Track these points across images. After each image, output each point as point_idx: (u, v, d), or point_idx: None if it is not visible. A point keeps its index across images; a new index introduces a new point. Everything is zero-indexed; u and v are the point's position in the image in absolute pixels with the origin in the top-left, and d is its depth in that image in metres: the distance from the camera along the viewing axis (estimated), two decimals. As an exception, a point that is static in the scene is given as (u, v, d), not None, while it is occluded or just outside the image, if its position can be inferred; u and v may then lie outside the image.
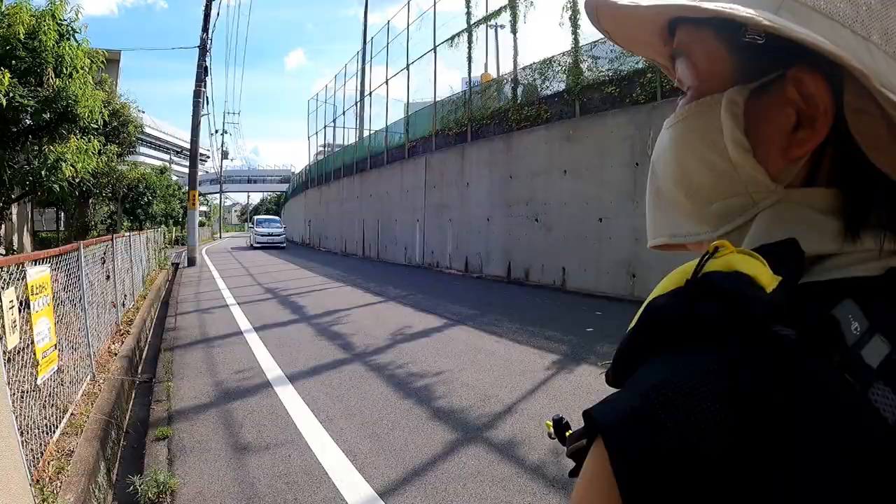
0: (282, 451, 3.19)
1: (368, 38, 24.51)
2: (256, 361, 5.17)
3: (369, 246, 20.79)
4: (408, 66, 18.48)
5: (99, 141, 7.22)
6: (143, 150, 66.91)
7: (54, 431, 3.42)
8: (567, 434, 0.42)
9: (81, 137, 6.41)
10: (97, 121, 6.55)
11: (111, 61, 28.25)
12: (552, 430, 0.47)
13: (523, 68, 13.44)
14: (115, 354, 5.58)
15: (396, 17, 19.93)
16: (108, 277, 5.96)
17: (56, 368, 3.68)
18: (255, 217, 32.52)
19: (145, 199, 16.50)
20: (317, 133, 32.58)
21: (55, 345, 3.68)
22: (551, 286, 11.22)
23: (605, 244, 10.01)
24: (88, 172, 6.75)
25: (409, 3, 18.33)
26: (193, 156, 15.77)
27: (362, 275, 13.86)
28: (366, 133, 23.81)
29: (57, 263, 4.12)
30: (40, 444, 3.15)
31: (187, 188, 16.45)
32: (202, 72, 15.93)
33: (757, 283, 0.31)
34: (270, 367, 4.96)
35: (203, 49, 15.93)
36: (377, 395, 4.21)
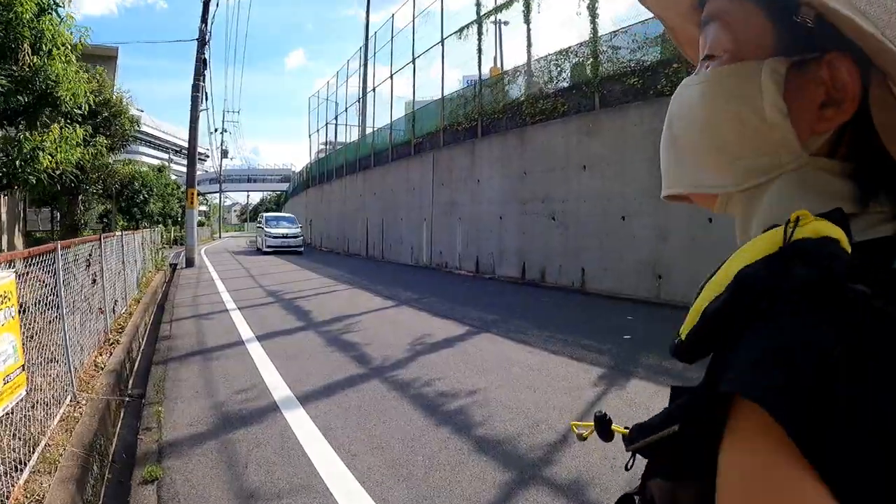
0: (298, 501, 2.56)
1: (371, 33, 23.86)
2: (261, 378, 4.54)
3: (373, 245, 20.16)
4: (413, 59, 17.85)
5: (85, 130, 6.56)
6: (142, 149, 66.49)
7: (23, 470, 2.82)
8: (623, 428, 0.46)
9: (65, 125, 5.74)
10: (82, 106, 5.88)
11: (108, 57, 27.82)
12: (595, 428, 0.52)
13: (537, 59, 12.84)
14: (102, 368, 4.97)
15: (399, 14, 19.29)
16: (94, 281, 5.33)
17: (24, 394, 3.06)
18: (265, 215, 25.55)
19: (141, 198, 15.80)
20: (318, 131, 31.97)
21: (23, 365, 3.06)
22: (569, 288, 10.63)
23: (627, 243, 9.41)
24: (71, 164, 6.08)
25: (414, -7, 17.70)
26: (192, 153, 15.13)
27: (369, 276, 13.23)
28: (368, 130, 23.20)
29: (29, 267, 3.50)
30: (4, 487, 2.56)
31: (185, 187, 15.78)
32: (201, 65, 15.28)
33: (843, 246, 0.33)
34: (277, 385, 4.33)
35: (202, 41, 15.29)
36: (405, 421, 3.57)
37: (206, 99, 16.11)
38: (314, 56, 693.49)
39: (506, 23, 15.90)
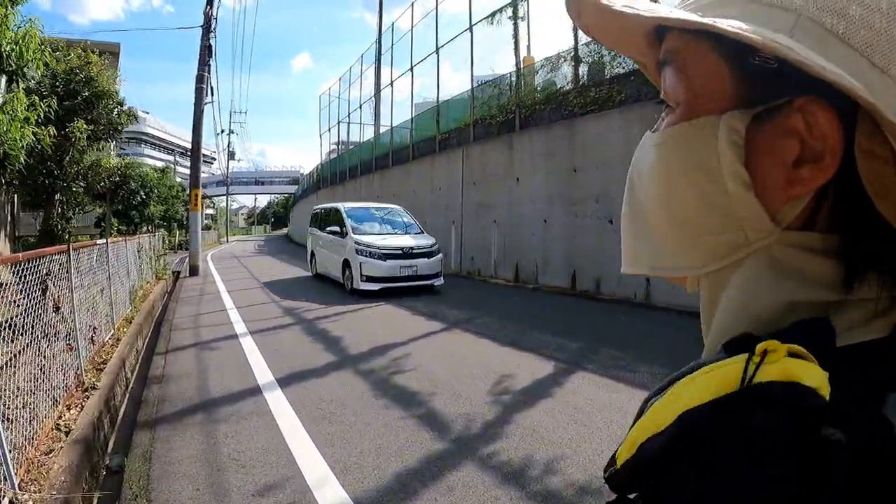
0: None
1: (388, 24, 22.37)
2: (292, 458, 3.01)
3: (392, 251, 18.66)
4: (437, 49, 16.37)
5: (47, 104, 5.07)
6: (147, 151, 65.62)
7: None
8: None
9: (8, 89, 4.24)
10: (34, 67, 4.38)
11: (110, 54, 26.83)
12: None
13: (586, 44, 11.31)
14: (67, 433, 3.48)
15: (419, 2, 17.80)
16: (57, 309, 3.84)
17: None
18: (342, 207, 11.60)
19: (139, 199, 14.33)
20: (329, 130, 30.57)
21: None
22: (632, 300, 9.09)
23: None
24: (18, 147, 4.53)
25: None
26: (195, 149, 13.68)
27: None
28: (383, 129, 21.75)
29: None
30: None
31: (189, 188, 14.33)
32: (206, 52, 13.85)
33: (820, 393, 0.27)
34: (319, 474, 2.80)
35: (207, 27, 13.86)
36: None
37: (212, 94, 14.68)
38: (319, 59, 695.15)
39: (522, 18, 14.28)
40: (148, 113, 73.38)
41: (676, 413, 0.30)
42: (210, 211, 61.57)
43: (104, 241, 5.84)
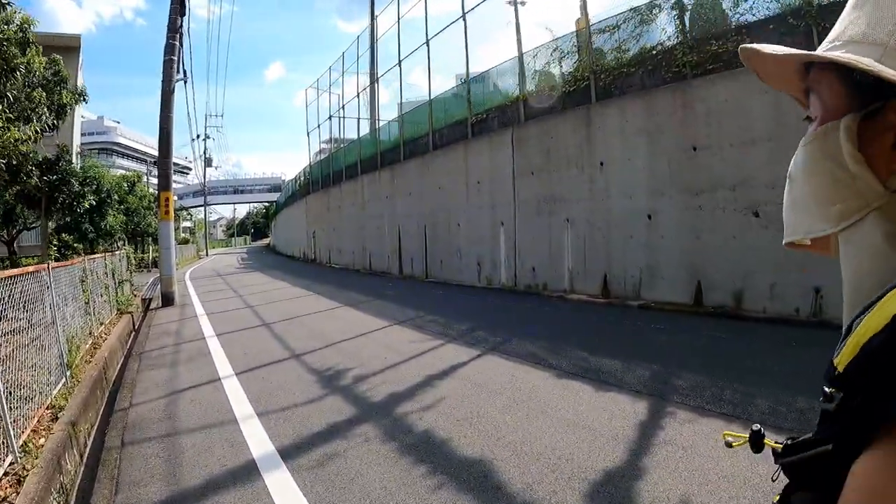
0: None
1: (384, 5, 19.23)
2: None
3: (411, 261, 15.52)
4: (464, 14, 13.36)
5: None
6: (119, 161, 61.04)
7: None
8: (774, 443, 0.56)
9: None
10: None
11: (69, 48, 23.25)
12: (749, 440, 0.63)
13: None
14: None
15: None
16: None
17: None
18: None
19: (87, 205, 10.76)
20: (318, 126, 27.26)
21: None
22: (794, 319, 6.47)
23: None
24: None
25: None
26: (165, 138, 10.35)
27: (434, 308, 8.73)
28: (385, 119, 18.66)
29: None
30: None
31: (157, 190, 10.96)
32: (177, 14, 10.60)
33: None
34: None
35: (176, -18, 10.61)
36: None
37: (185, 75, 11.44)
38: (293, 68, 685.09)
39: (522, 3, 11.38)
40: (119, 122, 68.88)
41: (891, 313, 0.40)
42: (188, 223, 57.31)
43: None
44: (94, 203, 10.74)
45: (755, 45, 0.55)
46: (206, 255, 43.42)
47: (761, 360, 4.75)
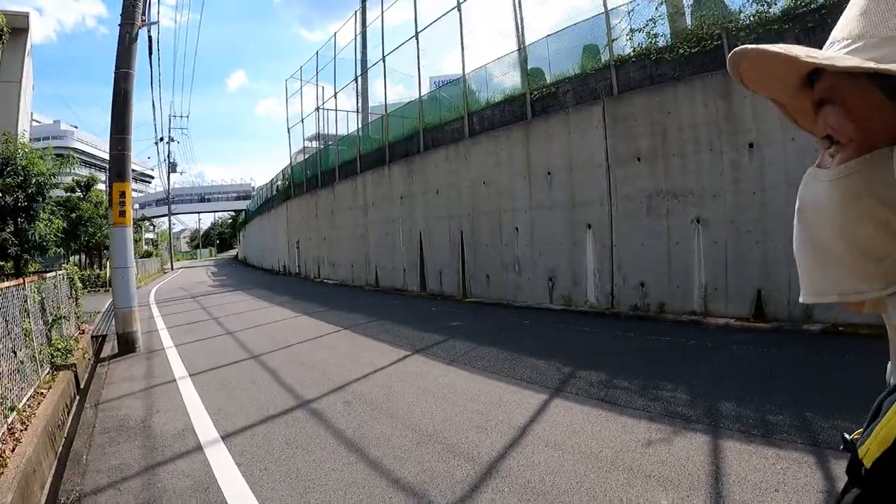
0: None
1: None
2: None
3: (439, 275, 12.51)
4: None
5: None
6: (76, 169, 55.68)
7: None
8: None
9: None
10: None
11: (16, 30, 19.88)
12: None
13: None
14: None
15: None
16: None
17: None
18: None
19: (4, 204, 7.10)
20: (302, 121, 23.98)
21: None
22: None
23: None
24: None
25: None
26: (121, 101, 6.91)
27: (510, 342, 5.85)
28: (394, 104, 15.66)
29: None
30: None
31: (107, 184, 7.53)
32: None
33: None
34: None
35: None
36: None
37: (155, 22, 8.26)
38: (256, 77, 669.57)
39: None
40: (76, 127, 63.37)
41: None
42: (151, 235, 52.35)
43: None
44: (22, 202, 7.32)
45: (759, 47, 0.40)
46: (172, 268, 39.09)
47: None
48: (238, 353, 6.70)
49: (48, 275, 6.49)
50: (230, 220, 74.35)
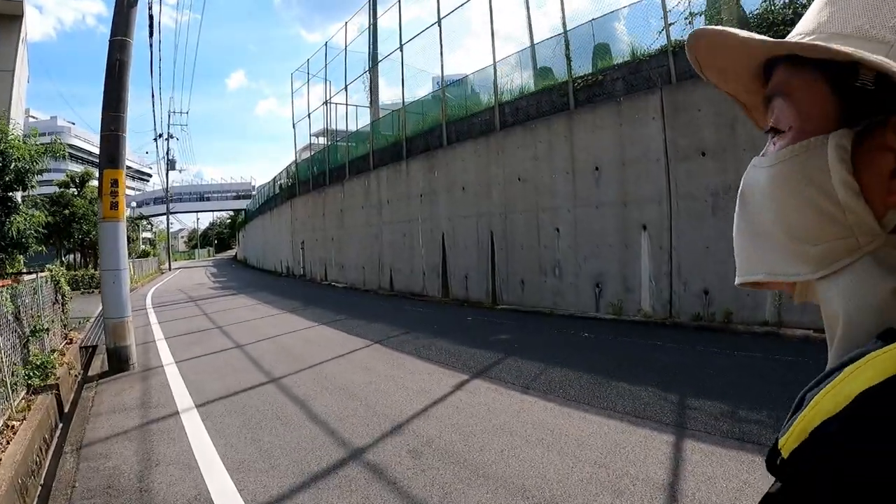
0: None
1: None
2: None
3: (465, 279, 11.48)
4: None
5: None
6: (72, 166, 54.47)
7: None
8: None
9: None
10: None
11: (9, 17, 18.42)
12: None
13: None
14: None
15: None
16: None
17: None
18: None
19: None
20: (309, 116, 22.96)
21: None
22: None
23: None
24: None
25: None
26: (116, 74, 5.82)
27: (581, 360, 4.87)
28: (412, 97, 14.65)
29: None
30: None
31: (98, 169, 6.44)
32: None
33: None
34: None
35: None
36: None
37: (153, 27, 7.25)
38: (256, 77, 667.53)
39: None
40: (73, 123, 62.24)
41: (853, 394, 0.31)
42: (148, 234, 51.13)
43: None
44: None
45: (718, 28, 0.41)
46: (170, 268, 38.00)
47: None
48: (253, 374, 5.65)
49: (27, 277, 5.46)
50: (229, 220, 73.18)
